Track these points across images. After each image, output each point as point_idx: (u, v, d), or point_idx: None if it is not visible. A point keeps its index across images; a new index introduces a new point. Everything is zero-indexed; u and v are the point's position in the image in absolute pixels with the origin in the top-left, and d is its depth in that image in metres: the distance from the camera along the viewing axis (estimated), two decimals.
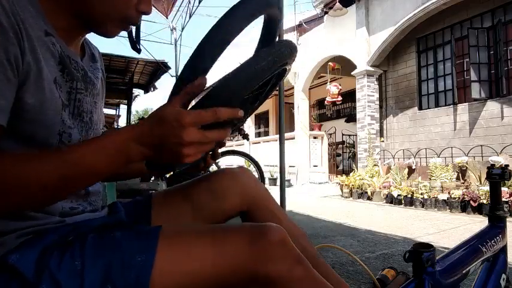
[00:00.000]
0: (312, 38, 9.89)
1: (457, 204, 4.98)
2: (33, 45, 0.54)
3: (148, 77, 6.75)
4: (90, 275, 0.51)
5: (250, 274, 0.56)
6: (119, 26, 0.65)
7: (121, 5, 0.61)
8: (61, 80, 0.61)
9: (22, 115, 0.53)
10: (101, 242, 0.56)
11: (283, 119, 3.15)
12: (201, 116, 0.52)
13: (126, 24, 0.65)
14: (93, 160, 0.51)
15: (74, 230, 0.60)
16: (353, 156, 10.11)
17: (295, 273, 0.57)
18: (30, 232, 0.57)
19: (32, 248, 0.54)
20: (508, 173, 1.00)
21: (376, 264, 2.41)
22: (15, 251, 0.54)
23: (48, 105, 0.56)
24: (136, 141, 0.52)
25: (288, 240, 0.59)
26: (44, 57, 0.56)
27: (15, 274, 0.51)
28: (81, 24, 0.64)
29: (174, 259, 0.55)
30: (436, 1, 6.44)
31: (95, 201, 0.72)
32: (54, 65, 0.59)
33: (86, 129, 0.68)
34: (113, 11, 0.61)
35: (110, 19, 0.62)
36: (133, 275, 0.52)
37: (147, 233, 0.58)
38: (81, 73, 0.66)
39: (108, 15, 0.61)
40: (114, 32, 0.65)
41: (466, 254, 0.87)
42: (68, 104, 0.62)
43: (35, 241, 0.56)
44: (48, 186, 0.48)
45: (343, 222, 4.21)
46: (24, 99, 0.52)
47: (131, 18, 0.64)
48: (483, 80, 6.47)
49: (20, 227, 0.56)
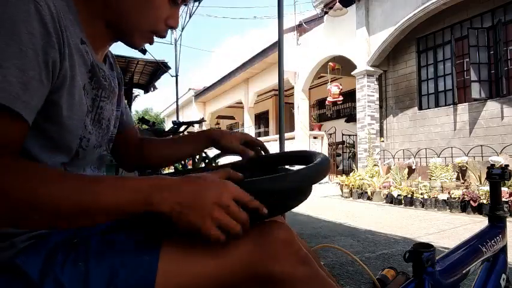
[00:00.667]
0: (312, 38, 9.89)
1: (457, 204, 4.98)
2: (71, 52, 0.55)
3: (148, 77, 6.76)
4: (94, 277, 0.51)
5: (255, 274, 0.56)
6: (146, 38, 0.67)
7: (152, 19, 0.63)
8: (89, 87, 0.63)
9: (52, 118, 0.55)
10: (105, 245, 0.56)
11: (283, 119, 3.15)
12: (243, 193, 0.52)
13: (152, 36, 0.67)
14: (113, 194, 0.49)
15: (79, 232, 0.60)
16: (353, 156, 10.11)
17: (301, 273, 0.57)
18: (37, 235, 0.57)
19: (38, 250, 0.54)
20: (508, 173, 1.00)
21: (376, 264, 2.41)
22: (22, 252, 0.54)
23: (76, 110, 0.58)
24: (161, 189, 0.50)
25: (294, 239, 0.59)
26: (78, 64, 0.58)
27: (21, 275, 0.51)
28: (112, 33, 0.65)
29: (178, 260, 0.55)
30: (436, 1, 6.44)
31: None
32: (85, 72, 0.61)
33: (102, 135, 0.70)
34: (144, 23, 0.63)
35: (139, 31, 0.64)
36: (138, 277, 0.52)
37: (151, 236, 0.58)
38: (107, 82, 0.69)
39: (138, 27, 0.64)
40: (141, 44, 0.68)
41: (466, 254, 0.87)
42: (91, 111, 0.64)
43: (41, 243, 0.56)
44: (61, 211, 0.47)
45: (343, 222, 4.21)
46: (60, 103, 0.54)
47: (159, 31, 0.66)
48: (483, 80, 6.47)
49: (28, 230, 0.56)
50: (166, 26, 0.66)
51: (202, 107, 17.52)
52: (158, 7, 0.62)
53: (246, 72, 12.15)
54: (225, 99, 15.20)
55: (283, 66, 3.20)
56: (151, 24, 0.64)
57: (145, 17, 0.62)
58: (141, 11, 0.62)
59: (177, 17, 0.67)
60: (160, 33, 0.67)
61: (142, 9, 0.61)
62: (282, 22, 3.21)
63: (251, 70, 11.92)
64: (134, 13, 0.61)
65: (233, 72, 12.87)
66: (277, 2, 3.16)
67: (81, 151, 0.63)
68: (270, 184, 0.55)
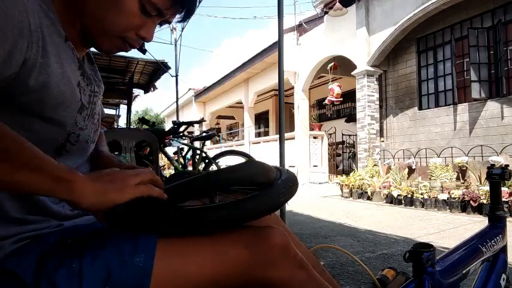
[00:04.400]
0: (312, 38, 9.88)
1: (457, 204, 4.98)
2: (58, 50, 0.57)
3: (148, 77, 6.75)
4: (88, 277, 0.51)
5: (251, 278, 0.56)
6: (116, 45, 0.66)
7: (122, 25, 0.63)
8: (83, 83, 0.64)
9: (40, 113, 0.56)
10: (99, 244, 0.56)
11: (283, 119, 3.15)
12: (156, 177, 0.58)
13: (124, 44, 0.67)
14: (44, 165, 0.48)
15: (73, 233, 0.60)
16: (353, 156, 10.11)
17: (297, 277, 0.57)
18: (29, 237, 0.57)
19: (31, 252, 0.54)
20: (508, 173, 1.00)
21: (376, 264, 2.41)
22: (14, 255, 0.54)
23: (66, 107, 0.59)
24: (85, 176, 0.52)
25: (289, 244, 0.59)
26: (67, 62, 0.59)
27: (13, 278, 0.51)
28: (85, 38, 0.66)
29: (174, 261, 0.55)
30: (436, 1, 6.43)
31: None
32: (75, 69, 0.62)
33: (94, 131, 0.71)
34: (113, 29, 0.63)
35: (109, 36, 0.64)
36: (133, 277, 0.52)
37: (146, 235, 0.58)
38: (93, 77, 0.70)
39: (107, 32, 0.64)
40: (111, 51, 0.67)
41: (466, 254, 0.87)
42: (87, 107, 0.65)
43: (34, 245, 0.56)
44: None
45: (343, 222, 4.21)
46: (46, 100, 0.55)
47: (129, 40, 0.66)
48: (483, 80, 6.47)
49: (19, 232, 0.56)
50: (137, 35, 0.66)
51: (202, 107, 17.51)
52: (127, 13, 0.62)
53: (246, 72, 12.14)
54: (225, 99, 15.20)
55: (283, 66, 3.20)
56: (120, 30, 0.63)
57: (113, 21, 0.62)
58: (109, 13, 0.62)
59: (151, 30, 0.67)
60: (132, 43, 0.66)
61: (111, 13, 0.61)
62: (282, 22, 3.20)
63: (251, 70, 11.91)
64: (103, 16, 0.62)
65: (233, 72, 12.86)
66: (277, 2, 3.16)
67: (68, 145, 0.63)
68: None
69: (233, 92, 14.30)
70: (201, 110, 17.45)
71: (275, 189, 0.60)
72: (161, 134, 3.73)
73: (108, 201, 0.52)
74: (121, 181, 0.54)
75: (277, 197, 0.59)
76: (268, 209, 0.58)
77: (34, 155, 0.48)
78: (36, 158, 0.48)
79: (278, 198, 0.59)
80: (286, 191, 0.61)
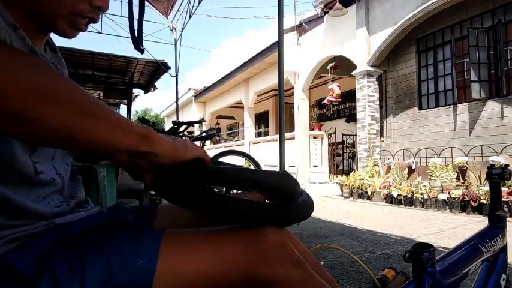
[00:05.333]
0: (312, 38, 9.88)
1: (457, 204, 4.98)
2: (10, 37, 0.54)
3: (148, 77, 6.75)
4: (90, 275, 0.51)
5: (249, 276, 0.56)
6: (71, 23, 0.63)
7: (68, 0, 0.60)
8: None
9: None
10: (102, 243, 0.56)
11: (283, 119, 3.15)
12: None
13: (80, 21, 0.63)
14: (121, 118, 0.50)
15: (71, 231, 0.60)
16: (353, 156, 10.10)
17: (294, 276, 0.57)
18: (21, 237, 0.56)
19: (31, 249, 0.54)
20: (508, 173, 1.00)
21: (376, 264, 2.41)
22: (14, 251, 0.53)
23: None
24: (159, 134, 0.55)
25: (287, 243, 0.59)
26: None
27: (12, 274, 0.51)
28: (38, 24, 0.62)
29: (175, 262, 0.55)
30: (436, 1, 6.43)
31: (74, 193, 0.70)
32: None
33: None
34: (62, 7, 0.60)
35: (59, 16, 0.61)
36: (135, 277, 0.52)
37: (149, 236, 0.58)
38: (54, 64, 0.67)
39: (56, 12, 0.60)
40: (69, 31, 0.64)
41: (466, 254, 0.87)
42: None
43: (33, 243, 0.55)
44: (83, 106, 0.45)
45: (343, 222, 4.21)
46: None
47: (84, 12, 0.62)
48: (483, 80, 6.47)
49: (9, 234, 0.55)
50: (92, 6, 0.61)
51: (202, 107, 17.51)
52: None
53: (246, 72, 12.14)
54: (225, 99, 15.19)
55: (283, 66, 3.20)
56: (69, 5, 0.59)
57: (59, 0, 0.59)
58: None
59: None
60: (87, 15, 0.62)
61: None
62: (282, 22, 3.21)
63: (251, 70, 11.91)
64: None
65: (233, 72, 12.86)
66: (277, 2, 3.16)
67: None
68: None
69: (233, 92, 14.30)
70: (201, 110, 17.45)
71: (299, 205, 0.62)
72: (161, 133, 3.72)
73: (178, 156, 0.55)
74: (183, 143, 0.58)
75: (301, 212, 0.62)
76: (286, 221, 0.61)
77: (110, 109, 0.49)
78: (112, 111, 0.49)
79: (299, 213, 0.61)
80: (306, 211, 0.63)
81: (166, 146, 0.54)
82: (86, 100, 0.46)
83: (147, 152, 0.52)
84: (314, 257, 0.80)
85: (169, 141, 0.55)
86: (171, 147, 0.55)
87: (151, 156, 0.53)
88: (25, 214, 0.57)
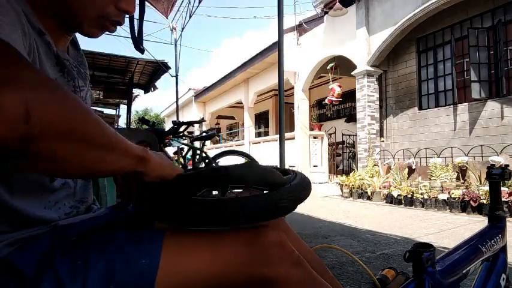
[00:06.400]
0: (312, 38, 9.88)
1: (457, 204, 4.98)
2: (36, 44, 0.54)
3: (148, 77, 6.75)
4: (93, 275, 0.51)
5: (249, 276, 0.56)
6: (98, 25, 0.63)
7: (97, 2, 0.60)
8: (63, 80, 0.61)
9: None
10: (104, 243, 0.56)
11: (283, 119, 3.15)
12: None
13: (106, 23, 0.64)
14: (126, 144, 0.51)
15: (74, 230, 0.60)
16: (353, 156, 10.10)
17: (294, 275, 0.57)
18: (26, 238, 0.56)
19: (33, 250, 0.54)
20: (508, 173, 1.00)
21: (376, 264, 2.41)
22: (16, 251, 0.53)
23: None
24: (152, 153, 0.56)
25: (286, 242, 0.59)
26: (44, 58, 0.56)
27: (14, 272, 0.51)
28: (64, 25, 0.63)
29: (177, 262, 0.55)
30: (436, 1, 6.43)
31: (85, 197, 0.71)
32: (52, 66, 0.59)
33: None
34: (89, 9, 0.60)
35: (87, 18, 0.61)
36: (137, 277, 0.52)
37: (151, 236, 0.58)
38: (76, 69, 0.67)
39: (85, 14, 0.61)
40: (95, 32, 0.64)
41: (466, 254, 0.87)
42: None
43: (35, 243, 0.55)
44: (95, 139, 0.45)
45: (343, 222, 4.21)
46: None
47: (111, 16, 0.62)
48: (483, 80, 6.47)
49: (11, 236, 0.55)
50: (118, 9, 0.62)
51: (202, 107, 17.51)
52: None
53: (246, 72, 12.14)
54: (225, 99, 15.19)
55: (283, 66, 3.20)
56: (97, 8, 0.60)
57: (89, 2, 0.59)
58: None
59: (131, 0, 0.63)
60: (114, 19, 0.63)
61: None
62: (282, 22, 3.21)
63: (251, 70, 11.91)
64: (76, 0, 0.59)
65: (233, 72, 12.86)
66: (277, 2, 3.16)
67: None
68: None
69: (233, 92, 14.29)
70: (201, 110, 17.45)
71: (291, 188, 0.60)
72: (161, 134, 3.73)
73: (166, 175, 0.56)
74: (167, 159, 0.59)
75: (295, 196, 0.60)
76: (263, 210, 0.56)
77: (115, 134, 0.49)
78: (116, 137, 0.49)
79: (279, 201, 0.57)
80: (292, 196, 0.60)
81: (156, 164, 0.55)
82: (109, 135, 0.47)
83: (140, 171, 0.53)
84: (318, 257, 0.80)
85: (158, 160, 0.56)
86: (160, 166, 0.56)
87: (142, 175, 0.54)
88: (31, 221, 0.57)
